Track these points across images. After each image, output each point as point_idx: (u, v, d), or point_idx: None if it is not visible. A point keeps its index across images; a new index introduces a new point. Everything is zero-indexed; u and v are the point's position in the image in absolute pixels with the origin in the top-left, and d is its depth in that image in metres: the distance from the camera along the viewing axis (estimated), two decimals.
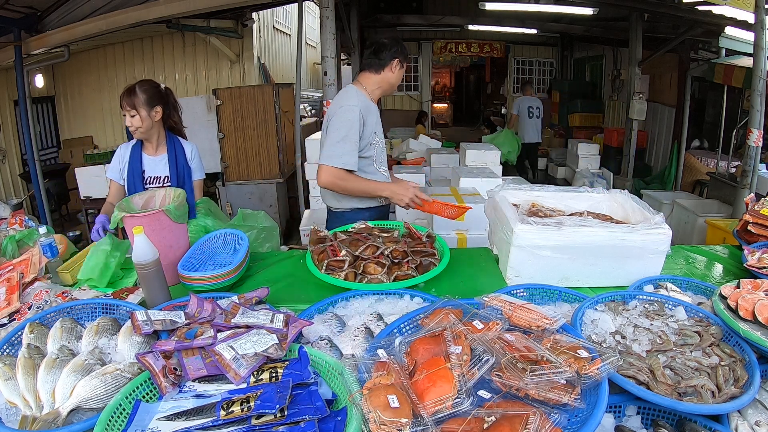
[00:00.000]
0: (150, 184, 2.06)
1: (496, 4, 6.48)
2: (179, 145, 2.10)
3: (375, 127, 1.99)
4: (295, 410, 0.87)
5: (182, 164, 2.08)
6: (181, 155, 2.08)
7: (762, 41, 3.60)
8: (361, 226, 1.78)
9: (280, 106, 4.94)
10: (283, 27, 8.38)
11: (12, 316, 1.32)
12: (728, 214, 4.08)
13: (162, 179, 2.06)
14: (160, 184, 2.06)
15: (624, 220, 1.70)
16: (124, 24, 4.46)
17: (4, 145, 6.08)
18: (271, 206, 5.10)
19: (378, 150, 2.04)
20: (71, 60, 5.29)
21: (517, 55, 10.48)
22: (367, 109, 1.95)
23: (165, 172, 2.06)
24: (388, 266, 1.52)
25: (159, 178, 2.06)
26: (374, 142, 2.00)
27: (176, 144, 2.09)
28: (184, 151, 2.10)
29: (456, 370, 0.91)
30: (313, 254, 1.60)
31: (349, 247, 1.57)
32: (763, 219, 1.81)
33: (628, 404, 0.99)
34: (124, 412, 0.90)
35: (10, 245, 1.75)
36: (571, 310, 1.30)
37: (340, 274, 1.49)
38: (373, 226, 1.81)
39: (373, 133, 1.98)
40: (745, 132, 3.94)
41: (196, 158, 2.15)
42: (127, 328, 1.16)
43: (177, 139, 2.11)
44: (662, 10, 5.48)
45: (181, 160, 2.08)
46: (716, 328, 1.17)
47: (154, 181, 2.06)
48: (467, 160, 4.37)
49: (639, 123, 6.70)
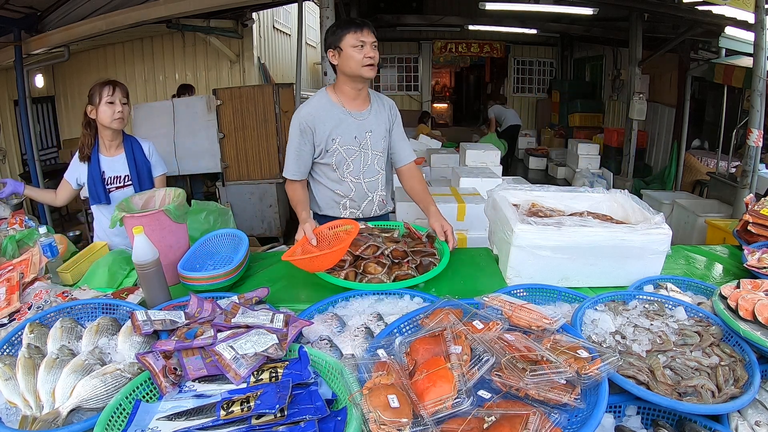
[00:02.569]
0: (111, 184, 2.09)
1: (496, 4, 6.48)
2: (136, 143, 2.13)
3: (334, 133, 1.81)
4: (295, 410, 0.87)
5: (141, 161, 2.11)
6: (139, 153, 2.12)
7: (762, 41, 3.60)
8: (362, 226, 1.74)
9: (280, 106, 4.93)
10: (283, 27, 8.38)
11: (12, 316, 1.31)
12: (728, 214, 4.08)
13: (122, 178, 2.10)
14: (120, 183, 2.09)
15: (624, 220, 1.70)
16: (124, 24, 4.46)
17: (4, 145, 6.07)
18: (270, 206, 5.09)
19: (340, 158, 1.85)
20: (71, 60, 5.28)
21: (517, 55, 10.48)
22: (317, 116, 1.81)
23: (125, 171, 2.09)
24: (389, 266, 1.52)
25: (119, 177, 2.09)
26: (332, 150, 1.83)
27: (133, 143, 2.13)
28: (141, 148, 2.13)
29: (456, 370, 0.91)
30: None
31: (349, 246, 1.56)
32: (763, 219, 1.81)
33: (628, 404, 0.99)
34: (124, 412, 0.90)
35: (10, 245, 1.75)
36: (571, 310, 1.30)
37: (340, 273, 1.49)
38: (373, 227, 1.80)
39: (330, 139, 1.81)
40: (745, 132, 3.94)
41: (155, 154, 2.18)
42: (127, 328, 1.16)
43: (134, 138, 2.15)
44: (662, 10, 5.48)
45: (139, 157, 2.11)
46: (716, 328, 1.17)
47: (114, 181, 2.09)
48: (467, 160, 4.38)
49: (639, 123, 6.70)
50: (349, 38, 1.70)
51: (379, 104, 1.95)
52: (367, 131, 1.88)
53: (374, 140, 1.90)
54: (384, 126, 1.93)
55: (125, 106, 2.00)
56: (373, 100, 1.94)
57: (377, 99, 1.97)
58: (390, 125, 1.97)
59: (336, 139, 1.83)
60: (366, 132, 1.88)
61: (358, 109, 1.87)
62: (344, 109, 1.85)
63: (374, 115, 1.90)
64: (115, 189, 2.09)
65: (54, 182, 5.80)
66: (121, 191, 2.08)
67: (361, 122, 1.86)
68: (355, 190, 1.93)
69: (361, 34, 1.69)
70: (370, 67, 1.74)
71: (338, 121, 1.83)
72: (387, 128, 1.95)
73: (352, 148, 1.86)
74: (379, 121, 1.91)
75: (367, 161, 1.91)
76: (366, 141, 1.88)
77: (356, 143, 1.86)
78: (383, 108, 1.95)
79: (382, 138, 1.92)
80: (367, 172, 1.92)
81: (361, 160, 1.89)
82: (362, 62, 1.72)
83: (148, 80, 6.75)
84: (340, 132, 1.83)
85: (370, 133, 1.89)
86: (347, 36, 1.70)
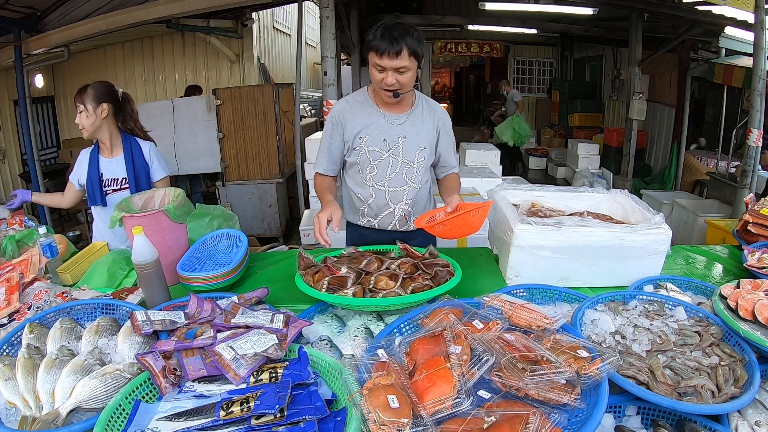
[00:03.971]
0: (108, 186, 2.06)
1: (496, 4, 6.49)
2: (136, 145, 2.10)
3: (362, 132, 1.71)
4: (295, 410, 0.87)
5: (139, 164, 2.07)
6: (138, 155, 2.08)
7: (762, 41, 3.60)
8: (352, 251, 1.59)
9: (280, 106, 4.93)
10: (283, 27, 8.38)
11: (12, 317, 1.31)
12: (728, 214, 4.08)
13: (120, 180, 2.07)
14: (117, 186, 2.07)
15: (624, 220, 1.70)
16: (124, 24, 4.46)
17: (4, 145, 6.07)
18: (270, 206, 5.10)
19: (364, 158, 1.73)
20: (71, 60, 5.29)
21: (517, 55, 10.47)
22: (350, 111, 1.73)
23: (122, 174, 2.06)
24: (402, 279, 1.36)
25: (116, 180, 2.07)
26: (358, 148, 1.72)
27: (133, 144, 2.09)
28: (141, 150, 2.10)
29: (456, 370, 0.91)
30: (305, 277, 1.38)
31: (349, 263, 1.42)
32: (762, 219, 1.81)
33: (628, 404, 0.99)
34: (124, 413, 0.90)
35: (10, 245, 1.75)
36: (571, 310, 1.30)
37: (346, 292, 1.30)
38: (364, 251, 1.60)
39: (358, 137, 1.71)
40: (744, 132, 3.94)
41: (155, 157, 2.14)
42: (126, 329, 1.16)
43: (134, 140, 2.11)
44: (662, 10, 5.48)
45: (138, 160, 2.08)
46: (716, 328, 1.17)
47: (111, 183, 2.07)
48: (467, 160, 4.38)
49: (639, 123, 6.70)
50: (372, 55, 1.57)
51: (425, 111, 1.78)
52: (400, 136, 1.73)
53: (407, 147, 1.73)
54: (425, 135, 1.75)
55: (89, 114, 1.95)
56: (418, 105, 1.77)
57: (424, 104, 1.79)
58: (436, 135, 1.79)
59: (364, 138, 1.71)
60: (398, 137, 1.72)
61: (394, 112, 1.74)
62: (379, 109, 1.73)
63: (413, 121, 1.75)
64: (113, 191, 2.06)
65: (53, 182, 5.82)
66: (118, 194, 2.06)
67: (394, 126, 1.73)
68: (375, 197, 1.79)
69: (381, 58, 1.54)
70: (385, 93, 1.63)
71: (370, 120, 1.72)
72: (429, 139, 1.77)
73: (379, 151, 1.73)
74: (417, 129, 1.74)
75: (395, 169, 1.75)
76: (397, 146, 1.73)
77: (384, 147, 1.72)
78: (430, 116, 1.78)
79: (418, 147, 1.75)
80: (393, 180, 1.76)
81: (387, 166, 1.75)
82: (380, 85, 1.61)
83: (148, 80, 6.75)
84: (369, 131, 1.71)
85: (403, 139, 1.73)
86: (371, 52, 1.57)
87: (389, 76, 1.57)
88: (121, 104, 2.07)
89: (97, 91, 1.97)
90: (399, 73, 1.58)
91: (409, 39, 1.53)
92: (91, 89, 1.96)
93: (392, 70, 1.56)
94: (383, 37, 1.52)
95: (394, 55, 1.53)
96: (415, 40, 1.55)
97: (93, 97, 1.95)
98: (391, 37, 1.52)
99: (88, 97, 1.94)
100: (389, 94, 1.63)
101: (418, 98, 1.79)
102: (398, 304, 1.27)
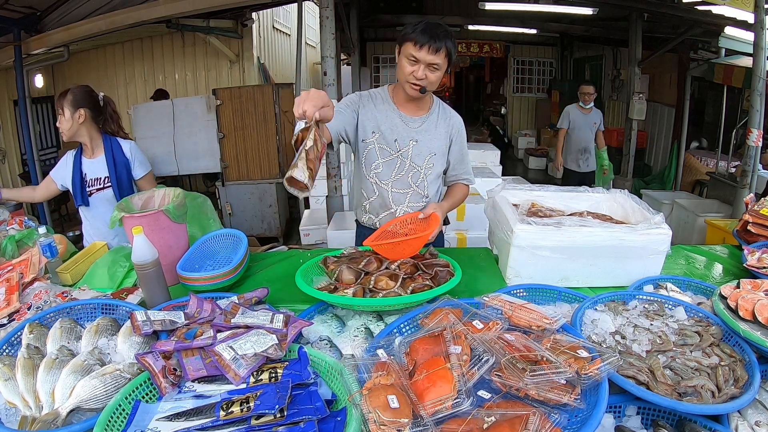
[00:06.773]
0: (92, 186, 2.13)
1: (496, 4, 6.49)
2: (117, 144, 2.16)
3: (375, 127, 1.69)
4: (295, 410, 0.87)
5: (121, 163, 2.14)
6: (119, 154, 2.14)
7: (762, 41, 3.60)
8: (352, 250, 1.60)
9: (280, 106, 4.93)
10: (282, 27, 8.37)
11: (11, 317, 1.31)
12: (728, 214, 4.08)
13: (102, 180, 2.13)
14: (101, 185, 2.13)
15: (624, 220, 1.70)
16: (124, 24, 4.46)
17: (3, 145, 6.07)
18: (270, 206, 5.10)
19: (372, 154, 1.71)
20: (71, 60, 5.28)
21: (517, 54, 10.48)
22: (368, 103, 1.71)
23: (104, 173, 2.13)
24: (402, 279, 1.38)
25: (99, 179, 2.13)
26: (368, 141, 1.70)
27: (113, 144, 2.15)
28: (121, 148, 2.16)
29: (456, 370, 0.91)
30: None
31: (349, 263, 1.44)
32: (762, 219, 1.81)
33: (628, 404, 0.99)
34: (124, 413, 0.90)
35: (10, 245, 1.74)
36: (571, 310, 1.30)
37: (346, 292, 1.32)
38: (364, 251, 1.61)
39: (370, 131, 1.69)
40: (744, 132, 3.94)
41: (137, 154, 2.20)
42: (126, 329, 1.16)
43: (114, 140, 2.17)
44: (662, 10, 5.48)
45: (119, 158, 2.14)
46: (716, 328, 1.17)
47: (95, 183, 2.13)
48: None
49: (639, 123, 6.69)
50: (407, 46, 1.54)
51: (441, 117, 1.77)
52: (412, 139, 1.71)
53: (417, 152, 1.72)
54: (436, 142, 1.74)
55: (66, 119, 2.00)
56: (434, 110, 1.77)
57: (441, 111, 1.78)
58: (448, 143, 1.78)
59: (375, 132, 1.70)
60: (410, 140, 1.71)
61: (411, 114, 1.73)
62: (396, 108, 1.72)
63: (428, 126, 1.74)
64: (96, 191, 2.13)
65: None
66: (101, 193, 2.12)
67: (408, 128, 1.72)
68: (378, 195, 1.78)
69: (419, 50, 1.52)
70: (411, 86, 1.60)
71: (384, 117, 1.70)
72: (441, 146, 1.76)
73: (388, 150, 1.72)
74: (431, 135, 1.73)
75: (402, 171, 1.74)
76: (407, 149, 1.72)
77: (394, 147, 1.71)
78: (444, 122, 1.77)
79: (428, 153, 1.74)
80: (397, 182, 1.75)
81: (394, 167, 1.74)
82: (408, 78, 1.58)
83: (147, 80, 6.74)
84: (382, 128, 1.70)
85: (415, 143, 1.72)
86: (407, 43, 1.54)
87: (420, 69, 1.56)
88: (102, 108, 2.12)
89: (76, 96, 2.02)
90: (430, 69, 1.57)
91: (449, 41, 1.55)
92: (70, 94, 2.01)
93: (425, 64, 1.55)
94: (425, 31, 1.53)
95: (433, 50, 1.53)
96: (453, 44, 1.57)
97: (71, 102, 2.00)
98: (433, 32, 1.52)
99: (66, 102, 1.99)
100: (416, 88, 1.60)
101: (435, 103, 1.79)
102: (398, 304, 1.27)
